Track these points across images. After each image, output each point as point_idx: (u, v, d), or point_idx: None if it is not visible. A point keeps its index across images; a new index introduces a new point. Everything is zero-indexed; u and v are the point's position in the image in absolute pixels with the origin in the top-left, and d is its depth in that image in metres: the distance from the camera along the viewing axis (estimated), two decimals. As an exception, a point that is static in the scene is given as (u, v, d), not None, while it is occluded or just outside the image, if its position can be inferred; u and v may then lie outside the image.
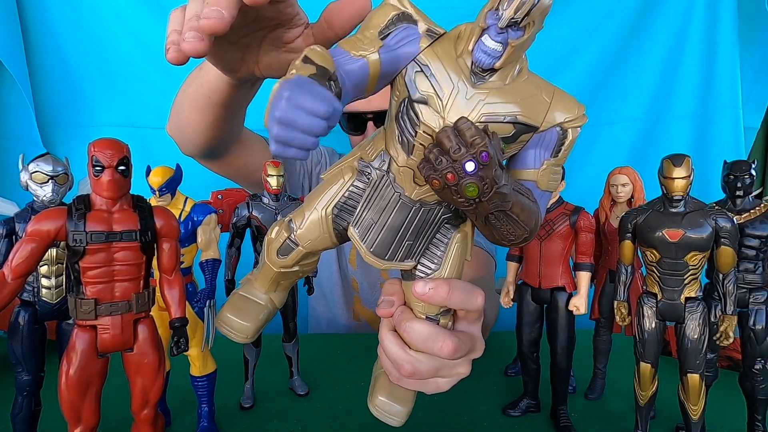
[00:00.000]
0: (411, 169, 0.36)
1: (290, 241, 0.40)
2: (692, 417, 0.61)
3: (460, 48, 0.34)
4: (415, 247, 0.40)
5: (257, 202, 0.74)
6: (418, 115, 0.34)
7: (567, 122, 0.36)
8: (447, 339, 0.40)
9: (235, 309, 0.43)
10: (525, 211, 0.34)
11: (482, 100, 0.34)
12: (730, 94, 1.45)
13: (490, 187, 0.31)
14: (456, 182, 0.31)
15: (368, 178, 0.38)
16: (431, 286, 0.39)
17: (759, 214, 0.66)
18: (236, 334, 0.43)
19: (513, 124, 0.34)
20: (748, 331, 0.66)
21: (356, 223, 0.39)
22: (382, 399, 0.45)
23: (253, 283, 0.45)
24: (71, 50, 1.39)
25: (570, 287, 0.70)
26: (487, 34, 0.32)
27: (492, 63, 0.32)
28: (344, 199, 0.39)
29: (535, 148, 0.37)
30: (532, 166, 0.37)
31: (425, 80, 0.34)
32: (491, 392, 0.82)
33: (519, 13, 0.30)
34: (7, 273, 0.46)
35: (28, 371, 0.58)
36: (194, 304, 0.65)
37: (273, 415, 0.73)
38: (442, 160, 0.31)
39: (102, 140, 0.49)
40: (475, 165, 0.30)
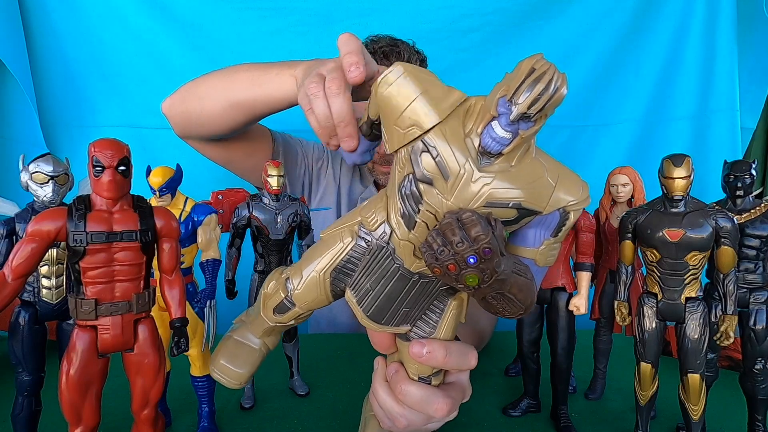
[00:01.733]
0: (412, 244, 0.36)
1: (287, 300, 0.41)
2: (693, 417, 0.61)
3: (468, 126, 0.34)
4: (411, 313, 0.40)
5: (257, 203, 0.74)
6: (421, 194, 0.34)
7: (570, 205, 0.36)
8: (441, 402, 0.42)
9: (230, 355, 0.44)
10: (522, 291, 0.35)
11: (488, 183, 0.33)
12: (728, 95, 1.46)
13: (489, 277, 0.32)
14: (457, 273, 0.31)
15: (368, 245, 0.39)
16: (428, 350, 0.40)
17: (759, 214, 0.66)
18: (230, 381, 0.44)
19: (517, 209, 0.34)
20: (749, 331, 0.66)
21: (354, 287, 0.39)
22: None
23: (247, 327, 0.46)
24: (73, 51, 1.40)
25: (570, 287, 0.70)
26: (497, 122, 0.32)
27: (500, 150, 0.32)
28: (342, 263, 0.39)
29: (537, 228, 0.37)
30: (532, 245, 0.37)
31: (431, 161, 0.34)
32: (491, 392, 0.82)
33: (533, 108, 0.30)
34: (8, 273, 0.46)
35: (28, 371, 0.58)
36: (194, 305, 0.65)
37: (273, 416, 0.73)
38: (444, 250, 0.31)
39: (102, 140, 0.49)
40: (476, 259, 0.31)
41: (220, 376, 0.44)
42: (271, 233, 0.73)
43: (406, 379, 0.43)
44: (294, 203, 0.75)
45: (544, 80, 0.29)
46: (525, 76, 0.30)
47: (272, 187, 0.72)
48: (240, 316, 0.48)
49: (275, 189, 0.73)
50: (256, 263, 0.76)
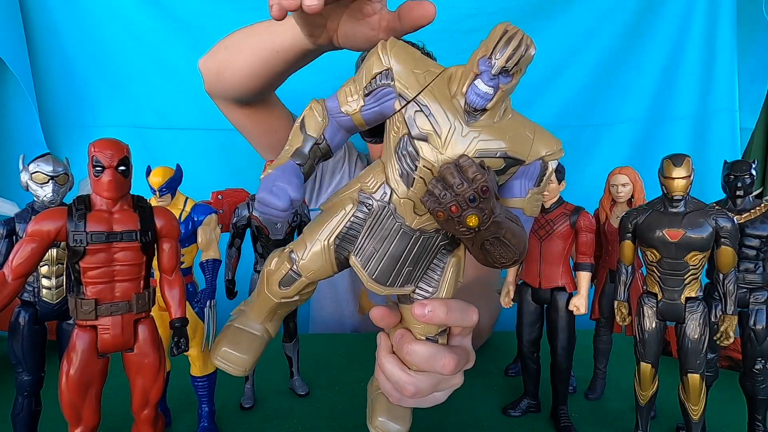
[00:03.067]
0: (411, 201, 0.39)
1: (293, 272, 0.42)
2: (692, 417, 0.61)
3: (453, 89, 0.38)
4: (414, 273, 0.42)
5: (257, 203, 0.74)
6: (417, 151, 0.38)
7: (547, 155, 0.40)
8: (448, 357, 0.43)
9: (232, 342, 0.45)
10: (516, 237, 0.38)
11: (476, 137, 0.37)
12: (728, 95, 1.45)
13: (488, 217, 0.35)
14: (459, 214, 0.34)
15: (369, 209, 0.41)
16: (430, 308, 0.42)
17: (759, 214, 0.66)
18: (234, 368, 0.44)
19: (503, 158, 0.38)
20: (749, 331, 0.66)
21: (358, 252, 0.41)
22: (382, 419, 0.47)
23: (247, 315, 0.46)
24: (74, 51, 1.40)
25: (570, 287, 0.70)
26: (480, 79, 0.36)
27: (484, 104, 0.36)
28: (345, 230, 0.41)
29: (521, 178, 0.41)
30: (519, 195, 0.41)
31: (425, 119, 0.38)
32: (491, 392, 0.82)
33: (509, 62, 0.34)
34: (8, 273, 0.46)
35: (28, 371, 0.58)
36: (194, 305, 0.65)
37: (273, 416, 0.73)
38: (446, 194, 0.34)
39: (102, 140, 0.49)
40: (476, 198, 0.34)
41: (223, 364, 0.44)
42: (271, 233, 0.73)
43: (412, 340, 0.44)
44: (294, 203, 0.75)
45: (516, 38, 0.34)
46: (500, 36, 0.34)
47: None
48: (238, 307, 0.48)
49: (275, 189, 0.73)
50: (256, 263, 0.76)
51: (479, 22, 1.45)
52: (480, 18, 1.45)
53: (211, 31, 1.42)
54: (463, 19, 1.43)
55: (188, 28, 1.42)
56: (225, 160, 1.45)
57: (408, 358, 0.44)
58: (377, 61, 0.39)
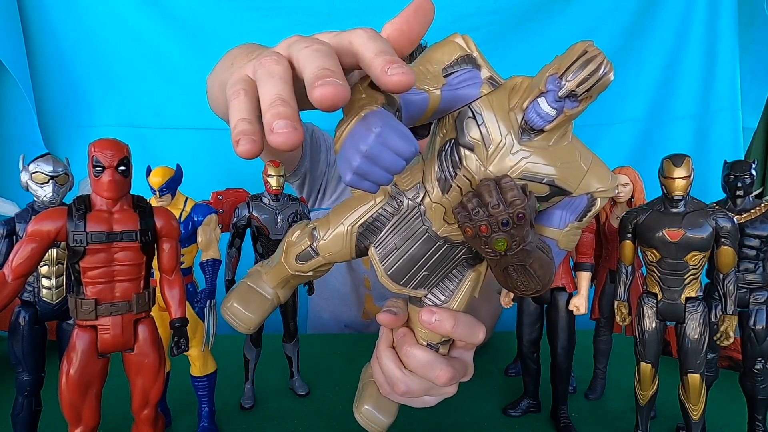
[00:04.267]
0: (443, 207, 0.37)
1: (311, 249, 0.41)
2: (693, 417, 0.61)
3: (513, 101, 0.35)
4: (430, 278, 0.41)
5: (257, 203, 0.74)
6: (461, 159, 0.35)
7: (598, 191, 0.37)
8: (444, 369, 0.42)
9: (242, 299, 0.44)
10: (543, 268, 0.36)
11: (526, 157, 0.35)
12: (729, 95, 1.45)
13: (518, 244, 0.33)
14: (488, 234, 0.32)
15: (399, 204, 0.39)
16: (437, 318, 0.41)
17: (759, 214, 0.66)
18: (240, 324, 0.44)
19: (550, 186, 0.35)
20: (749, 331, 0.66)
21: (379, 244, 0.40)
22: (368, 408, 0.46)
23: (262, 276, 0.46)
24: (72, 51, 1.40)
25: (570, 287, 0.70)
26: (544, 98, 0.33)
27: (542, 125, 0.34)
28: (371, 220, 0.40)
29: (563, 209, 0.38)
30: (557, 226, 0.39)
31: (476, 127, 0.35)
32: (491, 392, 0.82)
33: (581, 87, 0.31)
34: (8, 273, 0.46)
35: (28, 371, 0.58)
36: (194, 305, 0.65)
37: (273, 416, 0.73)
38: (479, 211, 0.32)
39: (102, 140, 0.49)
40: (508, 223, 0.32)
41: (231, 318, 0.44)
42: (271, 233, 0.73)
43: (413, 342, 0.43)
44: (294, 203, 0.75)
45: (595, 62, 0.31)
46: (577, 56, 0.31)
47: (272, 187, 0.73)
48: (254, 266, 0.48)
49: (275, 189, 0.73)
50: (256, 263, 0.76)
51: (479, 21, 1.45)
52: (479, 17, 1.45)
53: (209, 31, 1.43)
54: (463, 18, 1.43)
55: (186, 27, 1.42)
56: (225, 160, 1.45)
57: (405, 360, 0.43)
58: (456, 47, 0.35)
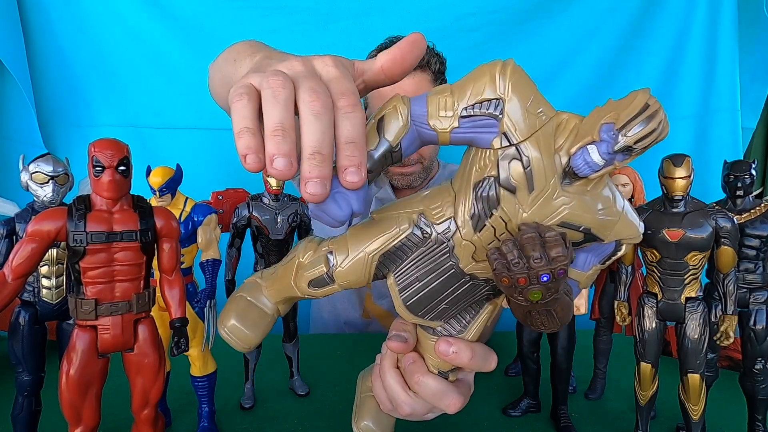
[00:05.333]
0: (473, 245, 0.36)
1: (327, 276, 0.39)
2: (693, 417, 0.61)
3: (559, 142, 0.33)
4: (449, 311, 0.40)
5: (257, 203, 0.74)
6: (499, 199, 0.34)
7: (627, 239, 0.36)
8: (455, 397, 0.43)
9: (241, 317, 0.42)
10: (564, 310, 0.35)
11: (567, 204, 0.33)
12: (729, 95, 1.45)
13: (551, 295, 0.32)
14: (525, 286, 0.32)
15: (425, 236, 0.37)
16: (455, 350, 0.41)
17: (759, 214, 0.66)
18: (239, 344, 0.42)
19: (585, 234, 0.35)
20: (749, 331, 0.66)
21: (399, 274, 0.39)
22: (367, 423, 0.47)
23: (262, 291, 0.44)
24: (72, 51, 1.40)
25: (570, 287, 0.70)
26: (595, 146, 0.31)
27: (589, 174, 0.32)
28: (394, 249, 0.38)
29: (589, 252, 0.38)
30: (582, 268, 0.38)
31: (521, 170, 0.33)
32: (491, 392, 0.82)
33: (639, 144, 0.29)
34: (8, 273, 0.46)
35: (28, 371, 0.58)
36: (194, 305, 0.65)
37: (273, 416, 0.73)
38: (519, 263, 0.31)
39: (102, 140, 0.49)
40: (549, 278, 0.31)
41: (229, 337, 0.42)
42: (271, 233, 0.73)
43: (424, 371, 0.43)
44: (294, 203, 0.75)
45: (657, 119, 0.29)
46: (639, 110, 0.29)
47: (272, 187, 0.73)
48: (253, 277, 0.46)
49: (275, 189, 0.73)
50: (256, 263, 0.76)
51: (479, 21, 1.45)
52: (479, 17, 1.45)
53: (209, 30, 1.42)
54: (463, 18, 1.43)
55: (186, 27, 1.42)
56: (225, 160, 1.45)
57: (416, 388, 0.43)
58: (490, 85, 0.33)
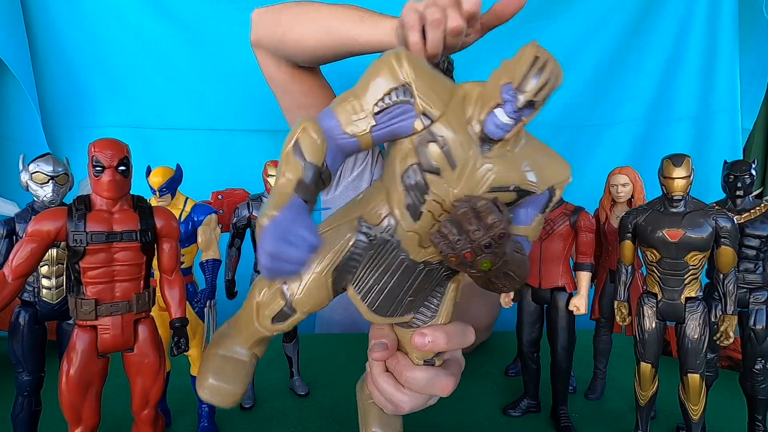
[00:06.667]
0: (417, 234, 0.36)
1: (287, 308, 0.39)
2: (693, 417, 0.61)
3: (468, 113, 0.34)
4: (415, 302, 0.41)
5: (257, 203, 0.74)
6: (427, 184, 0.34)
7: (558, 184, 0.37)
8: (445, 380, 0.43)
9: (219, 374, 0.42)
10: (520, 268, 0.36)
11: (491, 169, 0.34)
12: (729, 96, 1.46)
13: (500, 259, 0.33)
14: (472, 259, 0.32)
15: (370, 240, 0.38)
16: (430, 339, 0.41)
17: (759, 214, 0.66)
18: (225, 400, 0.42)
19: (517, 191, 0.35)
20: (749, 331, 0.66)
21: (357, 283, 0.39)
22: (376, 430, 0.46)
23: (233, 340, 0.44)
24: (75, 52, 1.40)
25: (570, 287, 0.70)
26: (501, 109, 0.32)
27: (502, 136, 0.33)
28: (344, 261, 0.38)
29: (528, 207, 0.38)
30: (524, 222, 0.39)
31: (439, 152, 0.34)
32: (491, 392, 0.82)
33: (539, 96, 0.30)
34: (8, 273, 0.46)
35: (28, 371, 0.59)
36: (195, 305, 0.65)
37: (273, 416, 0.73)
38: (460, 239, 0.32)
39: (102, 140, 0.49)
40: (491, 245, 0.32)
41: (211, 397, 0.42)
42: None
43: (410, 366, 0.43)
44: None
45: (548, 68, 0.30)
46: (530, 63, 0.30)
47: (272, 187, 0.73)
48: (221, 329, 0.45)
49: (275, 189, 0.73)
50: (256, 263, 0.76)
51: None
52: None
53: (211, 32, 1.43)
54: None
55: (189, 28, 1.42)
56: (225, 160, 1.45)
57: (408, 385, 0.43)
58: (391, 75, 0.33)
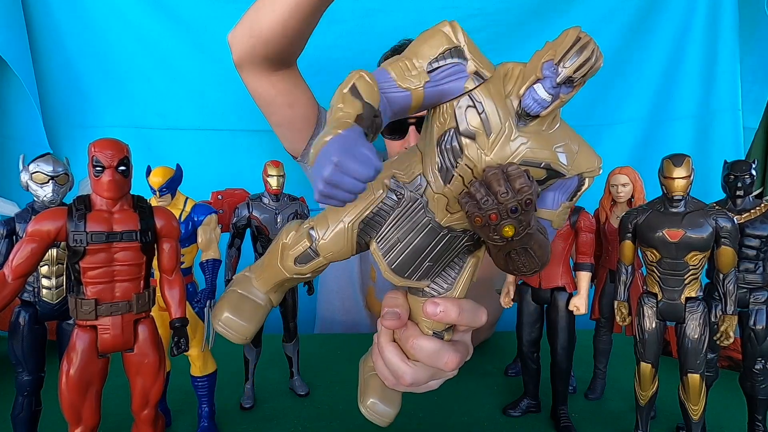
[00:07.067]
0: (446, 197, 0.38)
1: (311, 250, 0.40)
2: (693, 417, 0.61)
3: (508, 88, 0.36)
4: (434, 268, 0.41)
5: (257, 203, 0.74)
6: (462, 148, 0.36)
7: (587, 172, 0.39)
8: (452, 354, 0.43)
9: (234, 309, 0.43)
10: (542, 248, 0.37)
11: (524, 143, 0.35)
12: (730, 95, 1.45)
13: (524, 229, 0.34)
14: (497, 222, 0.33)
15: (398, 197, 0.39)
16: (442, 308, 0.42)
17: (759, 214, 0.66)
18: (235, 335, 0.43)
19: (547, 170, 0.37)
20: (749, 331, 0.66)
21: (380, 239, 0.40)
22: (374, 401, 0.46)
23: (252, 282, 0.45)
24: (76, 51, 1.40)
25: (570, 287, 0.70)
26: (540, 84, 0.34)
27: (539, 111, 0.34)
28: (372, 215, 0.39)
29: (556, 191, 0.39)
30: (551, 207, 0.40)
31: (476, 116, 0.35)
32: (491, 392, 0.82)
33: (578, 73, 0.32)
34: (8, 273, 0.46)
35: (28, 371, 0.59)
36: (194, 305, 0.65)
37: (273, 416, 0.73)
38: (488, 200, 0.33)
39: (102, 140, 0.49)
40: (518, 209, 0.33)
41: (224, 330, 0.43)
42: (271, 233, 0.73)
43: (419, 334, 0.44)
44: (294, 203, 0.75)
45: (589, 48, 0.32)
46: (572, 43, 0.32)
47: (272, 186, 0.73)
48: (242, 272, 0.47)
49: (275, 189, 0.73)
50: (255, 263, 0.76)
51: (480, 23, 1.45)
52: (481, 18, 1.45)
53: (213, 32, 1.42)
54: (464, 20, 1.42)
55: (190, 28, 1.42)
56: (225, 160, 1.45)
57: (413, 352, 0.44)
58: (444, 38, 0.36)
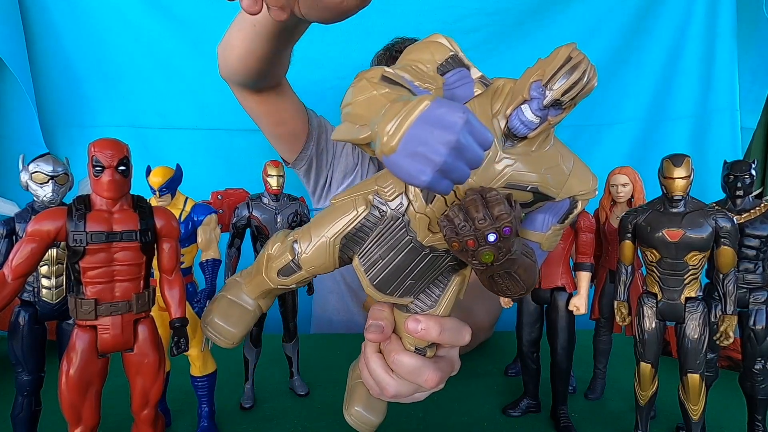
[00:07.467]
0: (427, 217, 0.37)
1: (293, 263, 0.41)
2: (692, 417, 0.61)
3: (496, 107, 0.34)
4: (416, 286, 0.41)
5: (257, 203, 0.74)
6: None
7: (580, 194, 0.37)
8: (431, 373, 0.42)
9: (223, 314, 0.44)
10: (527, 272, 0.36)
11: (510, 165, 0.34)
12: (729, 95, 1.46)
13: (504, 255, 0.32)
14: (474, 248, 0.32)
15: (381, 214, 0.39)
16: (423, 326, 0.41)
17: (759, 214, 0.66)
18: (223, 340, 0.44)
19: (534, 193, 0.35)
20: (748, 331, 0.66)
21: (363, 255, 0.40)
22: (358, 409, 0.46)
23: (242, 287, 0.46)
24: (73, 51, 1.40)
25: (570, 287, 0.70)
26: (528, 105, 0.32)
27: (526, 133, 0.33)
28: (354, 231, 0.39)
29: (546, 213, 0.38)
30: (540, 229, 0.39)
31: None
32: (491, 392, 0.82)
33: (566, 96, 0.30)
34: (8, 273, 0.46)
35: (28, 371, 0.58)
36: (194, 305, 0.65)
37: (273, 416, 0.73)
38: (465, 225, 0.32)
39: (102, 140, 0.49)
40: (496, 237, 0.31)
41: (212, 335, 0.44)
42: (270, 233, 0.73)
43: (400, 349, 0.43)
44: (293, 203, 0.75)
45: (580, 69, 0.30)
46: (562, 63, 0.30)
47: (271, 186, 0.73)
48: (233, 276, 0.48)
49: (275, 189, 0.73)
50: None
51: (479, 22, 1.45)
52: (480, 18, 1.45)
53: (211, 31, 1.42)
54: (463, 19, 1.43)
55: (188, 28, 1.42)
56: (225, 160, 1.45)
57: (393, 367, 0.43)
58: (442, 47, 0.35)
